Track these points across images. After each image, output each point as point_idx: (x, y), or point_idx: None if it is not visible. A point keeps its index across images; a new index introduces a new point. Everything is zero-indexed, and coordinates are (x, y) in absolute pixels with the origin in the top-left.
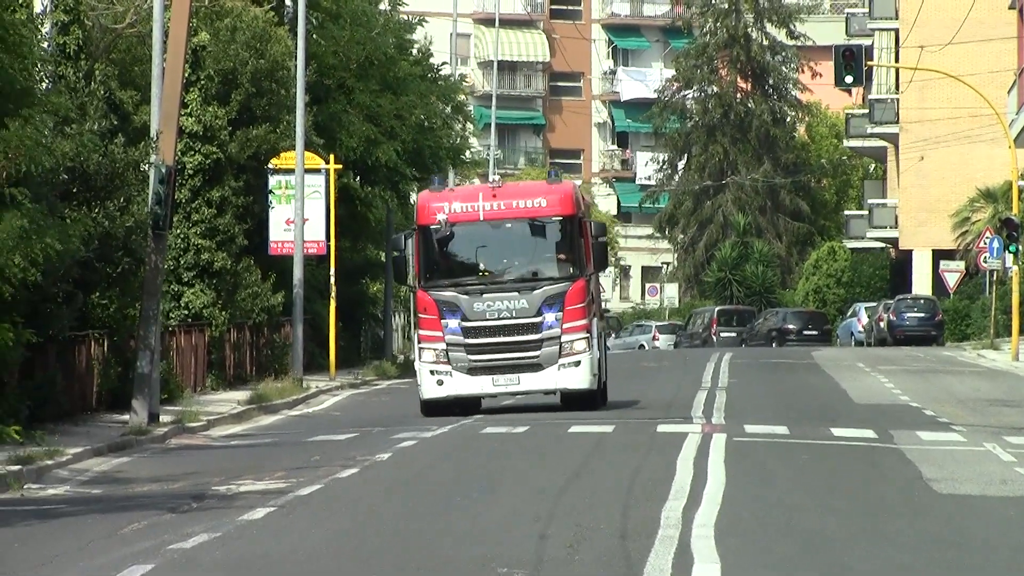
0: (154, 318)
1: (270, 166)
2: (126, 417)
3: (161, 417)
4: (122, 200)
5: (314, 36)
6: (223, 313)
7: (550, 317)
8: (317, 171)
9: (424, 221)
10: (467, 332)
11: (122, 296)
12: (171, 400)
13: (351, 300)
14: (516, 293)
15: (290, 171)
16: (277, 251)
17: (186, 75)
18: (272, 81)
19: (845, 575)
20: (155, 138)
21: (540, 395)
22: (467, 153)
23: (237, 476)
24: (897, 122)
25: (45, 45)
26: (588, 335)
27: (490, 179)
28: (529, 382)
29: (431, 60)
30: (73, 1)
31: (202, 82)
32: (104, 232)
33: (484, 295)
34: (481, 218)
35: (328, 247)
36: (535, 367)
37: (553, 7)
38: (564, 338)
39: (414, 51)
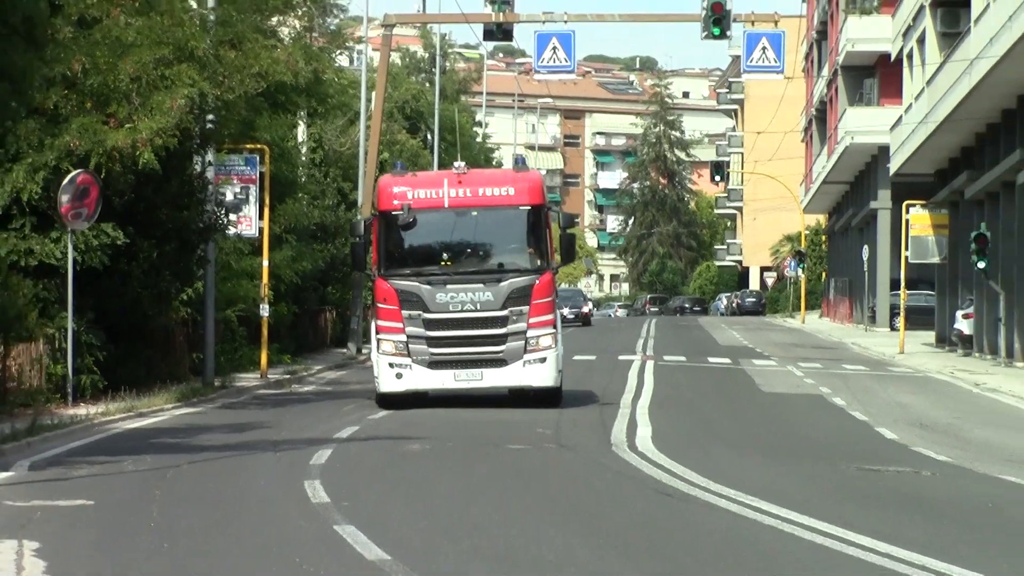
0: (359, 299)
1: None
2: (344, 351)
3: (361, 351)
4: (343, 241)
5: (442, 156)
6: None
7: (516, 311)
8: None
9: (385, 206)
10: (428, 324)
11: (342, 288)
12: (367, 343)
13: None
14: (481, 285)
15: None
16: None
17: (376, 175)
18: None
19: (714, 428)
20: (360, 209)
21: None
22: None
23: None
24: (742, 200)
25: (303, 158)
26: (555, 330)
27: (455, 165)
28: (492, 378)
29: (503, 167)
30: (319, 135)
31: None
32: (333, 256)
33: (448, 286)
34: (446, 205)
35: None
36: (499, 362)
37: (565, 140)
38: (530, 333)
39: (494, 163)
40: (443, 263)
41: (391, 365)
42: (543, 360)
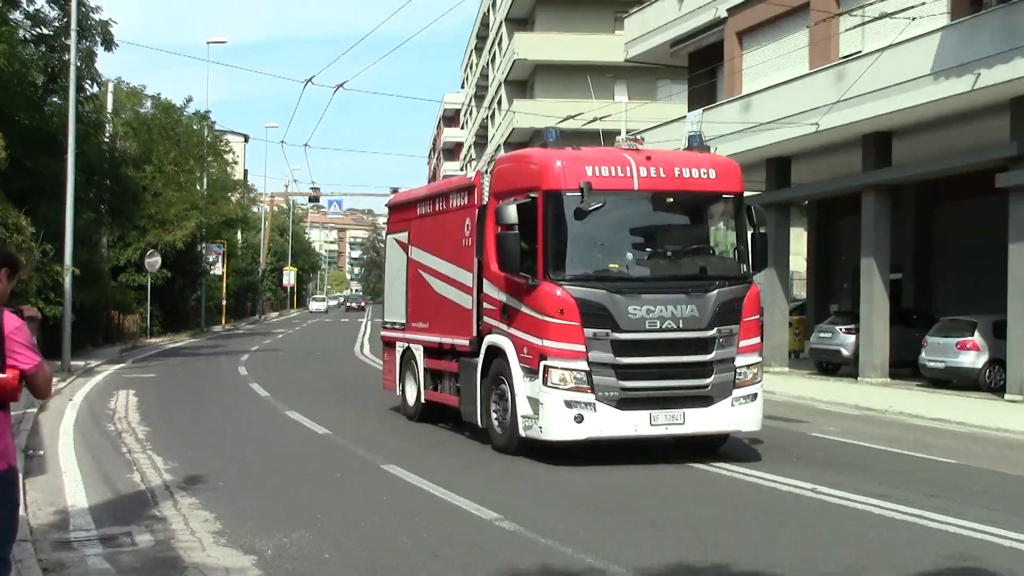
0: (260, 297)
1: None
2: (255, 317)
3: (260, 319)
4: (253, 276)
5: (293, 255)
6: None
7: (724, 331)
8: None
9: (555, 184)
10: (619, 348)
11: (254, 294)
12: (265, 315)
13: None
14: (684, 296)
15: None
16: (288, 284)
17: (267, 253)
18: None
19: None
20: (260, 261)
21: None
22: None
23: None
24: None
25: (240, 244)
26: (762, 359)
27: (625, 135)
28: (696, 421)
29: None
30: (247, 237)
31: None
32: (249, 282)
33: (643, 296)
34: (636, 187)
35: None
36: (704, 400)
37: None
38: (739, 361)
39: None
40: (634, 265)
41: (569, 404)
42: (753, 397)
